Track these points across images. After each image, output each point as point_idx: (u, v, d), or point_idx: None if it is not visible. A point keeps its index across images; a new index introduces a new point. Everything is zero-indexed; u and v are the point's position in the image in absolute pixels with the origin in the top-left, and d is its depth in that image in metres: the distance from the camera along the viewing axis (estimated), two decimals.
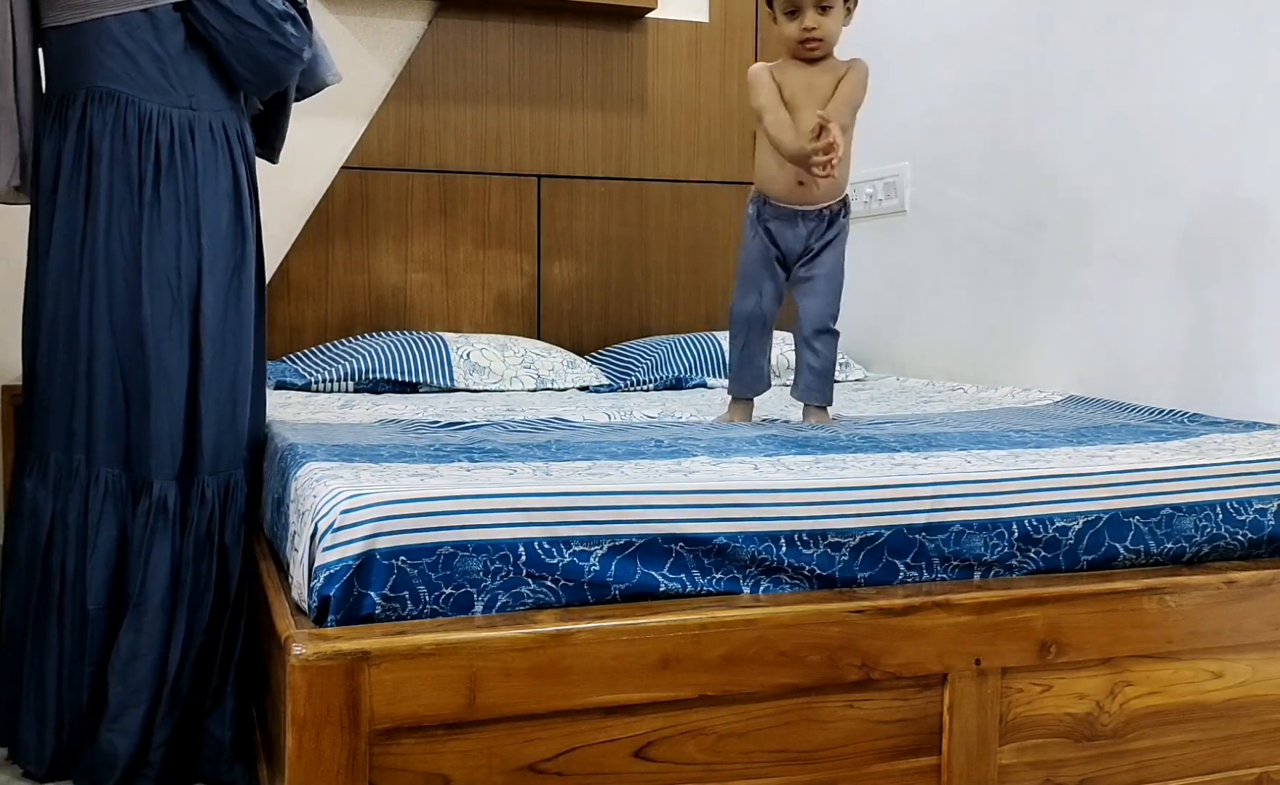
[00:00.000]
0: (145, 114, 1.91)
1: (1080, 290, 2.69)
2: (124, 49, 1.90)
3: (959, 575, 1.58)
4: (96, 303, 1.92)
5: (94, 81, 1.91)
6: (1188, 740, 1.65)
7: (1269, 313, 2.23)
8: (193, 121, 1.95)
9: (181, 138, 1.93)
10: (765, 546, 1.49)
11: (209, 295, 1.95)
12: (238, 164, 2.01)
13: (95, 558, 1.91)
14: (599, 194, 3.63)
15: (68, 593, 1.92)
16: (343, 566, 1.33)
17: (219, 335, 1.97)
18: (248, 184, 2.04)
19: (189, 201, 1.94)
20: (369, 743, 1.27)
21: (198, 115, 1.95)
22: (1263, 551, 1.74)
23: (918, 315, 3.31)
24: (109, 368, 1.92)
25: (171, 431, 1.93)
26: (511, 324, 3.52)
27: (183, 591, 1.92)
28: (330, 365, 2.96)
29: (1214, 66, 2.34)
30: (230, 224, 1.99)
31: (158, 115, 1.92)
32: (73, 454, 1.93)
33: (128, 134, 1.91)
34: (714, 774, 1.43)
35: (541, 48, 3.54)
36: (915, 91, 3.29)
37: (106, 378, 1.92)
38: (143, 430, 1.92)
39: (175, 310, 1.93)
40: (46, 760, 1.92)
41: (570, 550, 1.41)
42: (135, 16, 1.89)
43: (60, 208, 1.93)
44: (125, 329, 1.92)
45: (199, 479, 1.95)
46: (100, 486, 1.92)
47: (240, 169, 2.01)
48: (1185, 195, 2.41)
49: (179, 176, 1.93)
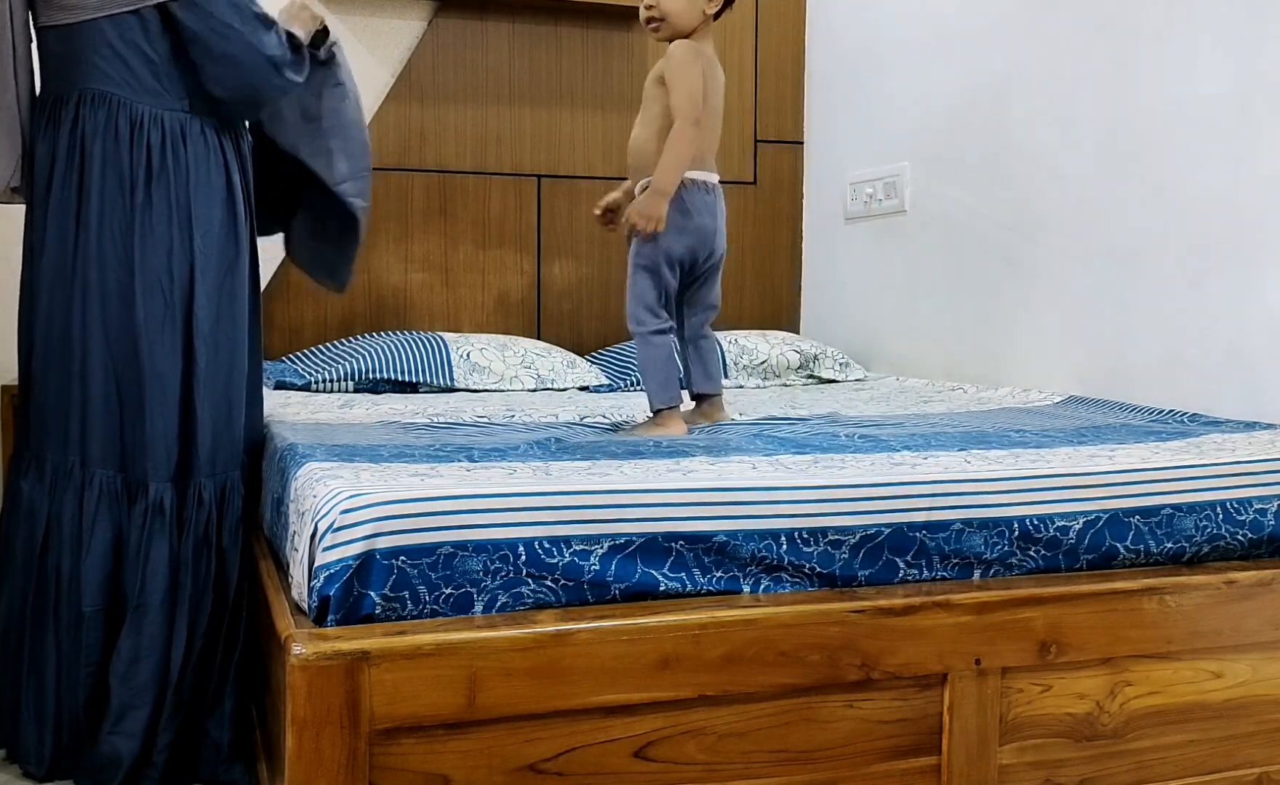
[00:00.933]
0: (137, 116, 1.91)
1: (1080, 290, 2.69)
2: (115, 51, 1.90)
3: (959, 573, 1.58)
4: (89, 304, 1.92)
5: (87, 83, 1.91)
6: (1188, 740, 1.65)
7: (1269, 313, 2.23)
8: (185, 124, 1.94)
9: (173, 140, 1.93)
10: (765, 544, 1.49)
11: (202, 297, 1.95)
12: (231, 166, 2.00)
13: (90, 559, 1.91)
14: (599, 194, 3.60)
15: (64, 594, 1.92)
16: (343, 566, 1.33)
17: (212, 337, 1.97)
18: (242, 186, 2.03)
19: (181, 204, 1.93)
20: (369, 743, 1.27)
21: (190, 118, 1.95)
22: (1263, 551, 1.74)
23: (918, 315, 3.31)
24: (102, 369, 1.92)
25: (166, 433, 1.93)
26: (511, 324, 3.52)
27: (182, 594, 1.92)
28: (330, 365, 2.96)
29: (1214, 66, 2.34)
30: (223, 226, 1.98)
31: (149, 117, 1.92)
32: (68, 455, 1.94)
33: (119, 136, 1.90)
34: (714, 774, 1.43)
35: (541, 48, 3.54)
36: (915, 91, 3.29)
37: (100, 379, 1.92)
38: (137, 432, 1.92)
39: (168, 312, 1.93)
40: (46, 761, 1.92)
41: (570, 550, 1.41)
42: (126, 19, 1.89)
43: (53, 209, 1.93)
44: (118, 331, 1.92)
45: (195, 481, 1.94)
46: (95, 488, 1.92)
47: (234, 172, 2.01)
48: (1185, 195, 2.41)
49: (170, 178, 1.92)
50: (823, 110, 3.76)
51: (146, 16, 1.89)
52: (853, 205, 3.58)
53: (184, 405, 1.95)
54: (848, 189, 3.60)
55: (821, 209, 3.77)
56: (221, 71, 1.93)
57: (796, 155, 3.84)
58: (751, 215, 3.80)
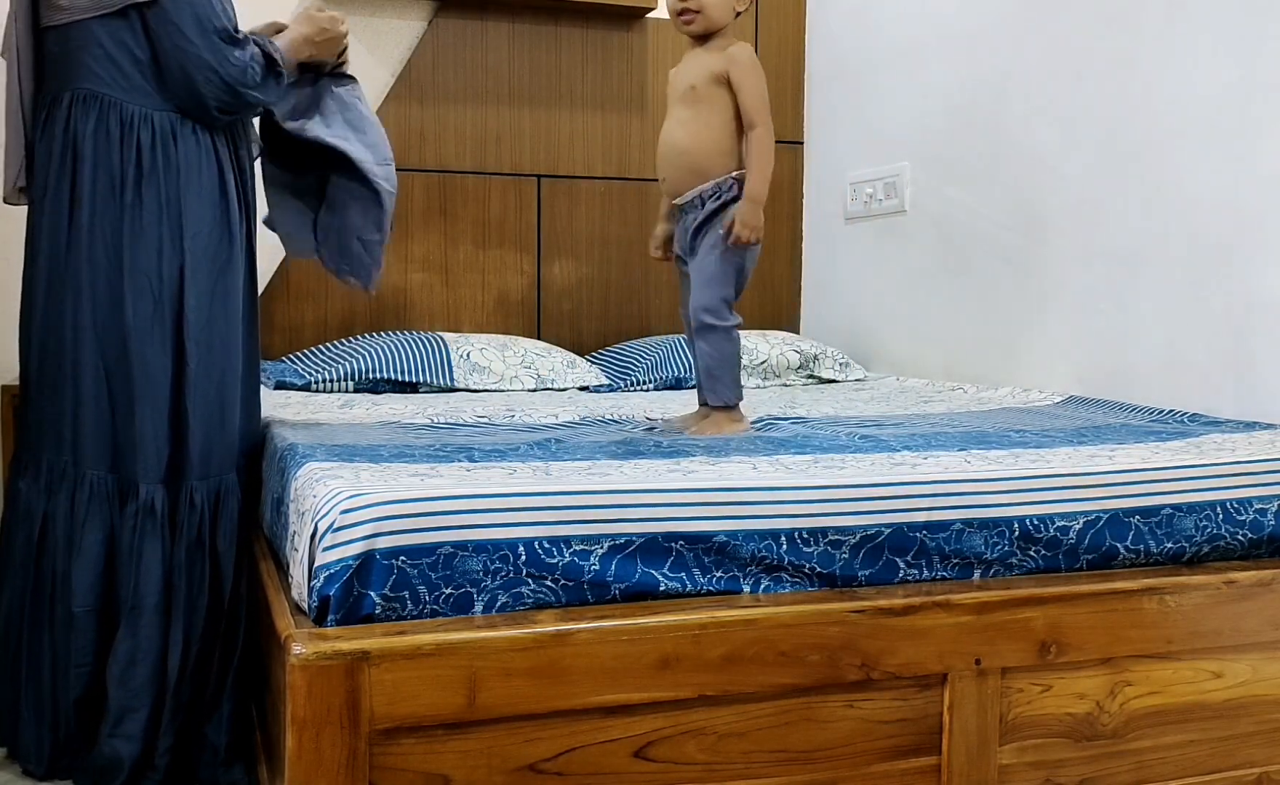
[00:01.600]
0: (128, 115, 1.91)
1: (1080, 290, 2.69)
2: (106, 51, 1.90)
3: (959, 573, 1.58)
4: (81, 305, 1.92)
5: (79, 83, 1.91)
6: (1188, 740, 1.65)
7: (1269, 313, 2.23)
8: (175, 124, 1.94)
9: (164, 139, 1.93)
10: (765, 544, 1.49)
11: (192, 298, 1.94)
12: (225, 167, 2.00)
13: (81, 560, 1.91)
14: (599, 194, 3.63)
15: (57, 594, 1.92)
16: (343, 566, 1.33)
17: (204, 339, 1.96)
18: (236, 186, 2.03)
19: (171, 203, 1.93)
20: (369, 743, 1.27)
21: (181, 118, 1.95)
22: (1263, 551, 1.74)
23: (918, 315, 3.31)
24: (93, 370, 1.92)
25: (156, 435, 1.92)
26: (511, 324, 3.52)
27: (177, 596, 1.91)
28: (330, 365, 2.96)
29: (1214, 66, 2.34)
30: (215, 226, 1.98)
31: (140, 117, 1.92)
32: (61, 455, 1.94)
33: (110, 135, 1.91)
34: (714, 774, 1.43)
35: (541, 48, 3.54)
36: (915, 91, 3.29)
37: (91, 380, 1.92)
38: (128, 433, 1.92)
39: (157, 313, 1.92)
40: (46, 759, 1.92)
41: (570, 550, 1.41)
42: (114, 19, 1.89)
43: (48, 209, 1.94)
44: (108, 331, 1.92)
45: (187, 484, 1.94)
46: (86, 488, 1.92)
47: (228, 172, 2.01)
48: (1185, 195, 2.41)
49: (160, 178, 1.92)
50: (823, 110, 3.76)
51: (132, 17, 1.90)
52: (853, 205, 3.58)
53: (175, 406, 1.94)
54: (848, 189, 3.60)
55: (821, 209, 3.77)
56: (173, 81, 1.93)
57: (796, 155, 3.84)
58: None
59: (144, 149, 1.92)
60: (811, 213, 3.83)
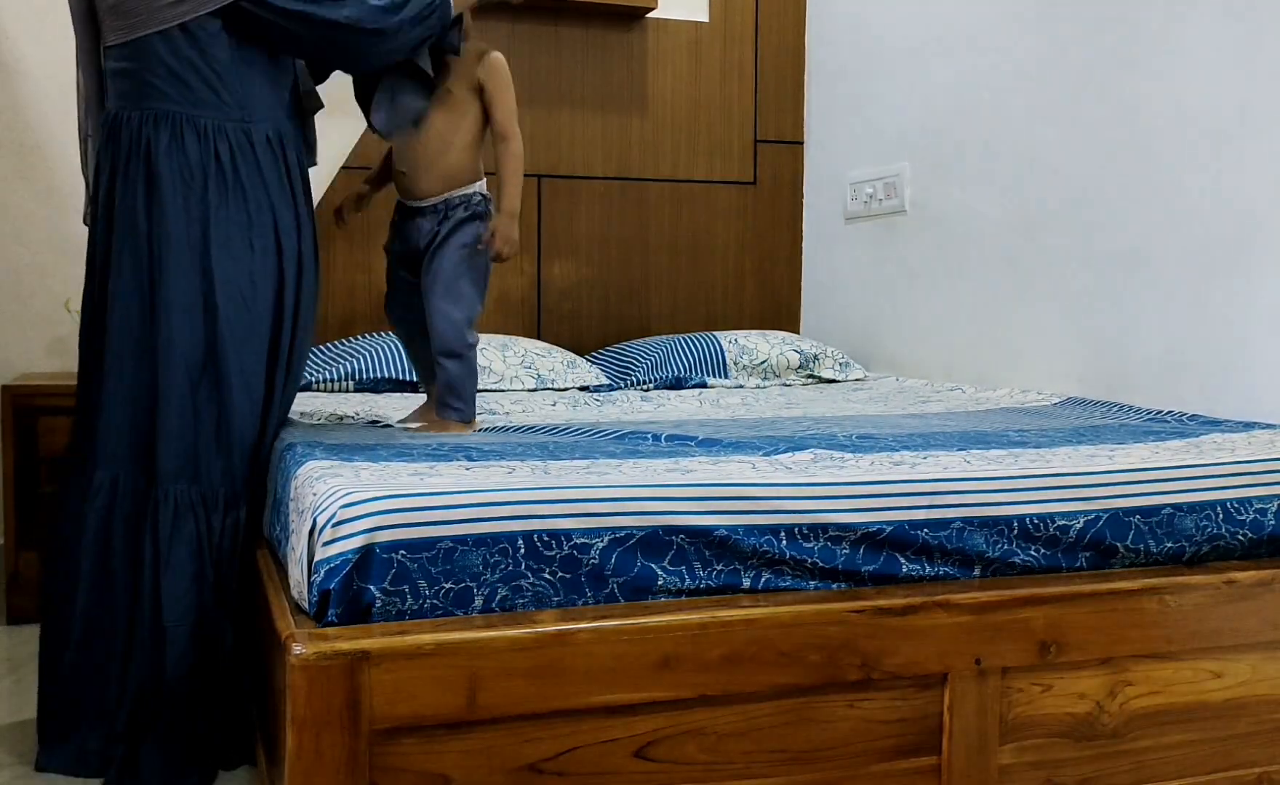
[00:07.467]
0: (201, 129, 1.91)
1: (1080, 290, 2.69)
2: (169, 67, 1.89)
3: (960, 570, 1.58)
4: (171, 320, 1.90)
5: (148, 102, 1.90)
6: (1188, 740, 1.65)
7: (1269, 313, 2.23)
8: (250, 133, 1.94)
9: (240, 149, 1.93)
10: (766, 539, 1.48)
11: (289, 306, 1.97)
12: (293, 171, 2.01)
13: (170, 573, 1.89)
14: (599, 194, 3.63)
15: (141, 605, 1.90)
16: (343, 561, 1.33)
17: (299, 350, 2.02)
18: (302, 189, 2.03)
19: (262, 211, 1.94)
20: (369, 743, 1.27)
21: (254, 126, 1.95)
22: (1263, 551, 1.74)
23: (918, 315, 3.31)
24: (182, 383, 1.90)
25: (243, 445, 1.93)
26: (512, 324, 3.52)
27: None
28: (330, 365, 2.96)
29: (1214, 67, 2.34)
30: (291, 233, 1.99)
31: (214, 129, 1.91)
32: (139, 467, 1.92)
33: (186, 150, 1.90)
34: (714, 774, 1.43)
35: (541, 48, 3.54)
36: (915, 91, 3.29)
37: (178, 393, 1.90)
38: (218, 444, 1.92)
39: (250, 323, 1.94)
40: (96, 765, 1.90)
41: (570, 543, 1.41)
42: (174, 34, 1.88)
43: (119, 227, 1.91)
44: (195, 344, 1.91)
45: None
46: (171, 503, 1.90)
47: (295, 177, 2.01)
48: (1185, 195, 2.41)
49: (245, 189, 1.92)
50: (823, 110, 3.76)
51: (193, 29, 1.88)
52: (853, 205, 3.58)
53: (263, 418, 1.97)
54: (848, 189, 3.60)
55: (821, 209, 3.77)
56: (308, 57, 1.96)
57: (796, 155, 3.84)
58: (751, 215, 3.80)
59: (223, 160, 1.91)
60: (811, 212, 3.83)
